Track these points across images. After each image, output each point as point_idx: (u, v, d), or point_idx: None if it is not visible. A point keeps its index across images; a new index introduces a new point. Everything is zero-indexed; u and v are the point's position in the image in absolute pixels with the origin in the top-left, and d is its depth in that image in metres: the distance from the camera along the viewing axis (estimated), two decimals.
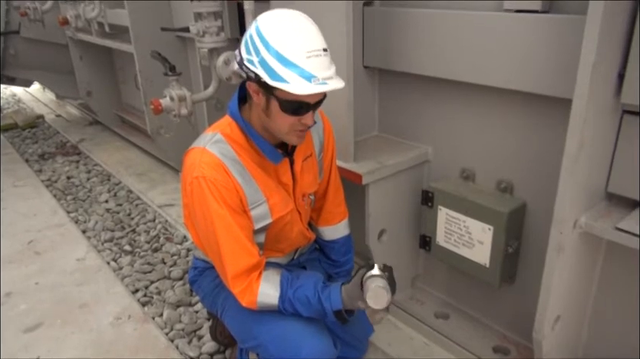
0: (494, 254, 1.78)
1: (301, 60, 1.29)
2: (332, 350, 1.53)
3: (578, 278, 1.58)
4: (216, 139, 1.49)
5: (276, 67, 1.29)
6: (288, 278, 1.51)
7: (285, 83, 1.28)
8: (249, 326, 1.59)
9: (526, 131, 1.71)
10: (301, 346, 1.47)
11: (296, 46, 1.29)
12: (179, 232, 3.14)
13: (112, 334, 2.26)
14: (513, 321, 1.99)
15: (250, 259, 1.46)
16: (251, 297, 1.47)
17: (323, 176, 1.76)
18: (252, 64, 1.32)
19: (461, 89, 1.83)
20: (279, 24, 1.31)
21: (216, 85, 2.56)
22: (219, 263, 1.49)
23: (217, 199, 1.42)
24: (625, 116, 1.40)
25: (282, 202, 1.58)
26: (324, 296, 1.46)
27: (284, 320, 1.51)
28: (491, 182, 1.87)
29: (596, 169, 1.43)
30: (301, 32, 1.31)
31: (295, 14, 1.35)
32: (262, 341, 1.56)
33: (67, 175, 4.13)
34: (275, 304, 1.49)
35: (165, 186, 3.84)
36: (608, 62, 1.26)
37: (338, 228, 1.87)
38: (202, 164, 1.43)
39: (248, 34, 1.35)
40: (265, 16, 1.34)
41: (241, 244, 1.45)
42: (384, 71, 2.10)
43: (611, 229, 1.38)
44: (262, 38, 1.30)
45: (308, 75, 1.29)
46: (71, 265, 2.80)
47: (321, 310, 1.47)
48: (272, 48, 1.29)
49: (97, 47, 4.29)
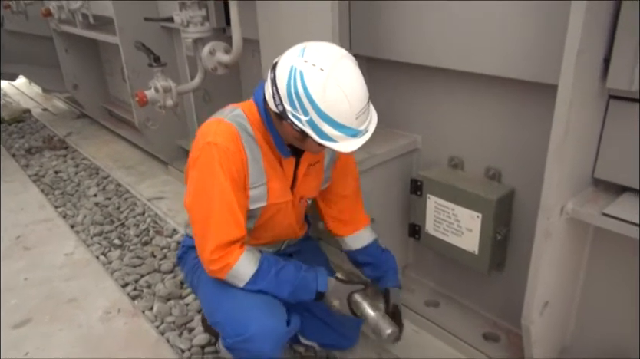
0: (483, 241, 1.79)
1: (351, 122, 1.30)
2: (282, 328, 1.54)
3: (566, 263, 1.59)
4: (235, 113, 1.50)
5: (326, 129, 1.30)
6: (270, 259, 1.55)
7: (334, 143, 1.32)
8: (214, 303, 1.62)
9: (513, 118, 1.71)
10: (250, 323, 1.49)
11: (348, 111, 1.28)
12: (168, 225, 3.12)
13: (102, 328, 2.24)
14: (503, 308, 2.00)
15: (238, 232, 1.48)
16: (227, 263, 1.47)
17: (327, 185, 1.77)
18: (299, 121, 1.31)
19: (449, 77, 1.82)
20: (330, 88, 1.25)
21: (202, 76, 2.54)
22: (203, 230, 1.48)
23: (224, 169, 1.42)
24: (611, 102, 1.40)
25: (281, 190, 1.59)
26: (311, 275, 1.53)
27: (239, 299, 1.53)
28: (479, 170, 1.87)
29: (583, 154, 1.43)
30: (351, 94, 1.28)
31: (343, 65, 1.28)
32: (220, 319, 1.60)
33: (54, 169, 4.08)
34: (246, 280, 1.50)
35: (154, 179, 3.81)
36: (594, 47, 1.25)
37: (361, 235, 1.84)
38: (218, 132, 1.44)
39: (292, 88, 1.27)
40: (312, 73, 1.26)
41: (235, 216, 1.46)
42: (372, 60, 2.09)
43: (597, 215, 1.39)
44: (312, 101, 1.27)
45: (355, 132, 1.33)
46: (60, 259, 2.78)
47: (305, 286, 1.52)
48: (324, 113, 1.28)
49: (82, 39, 4.22)
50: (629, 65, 1.24)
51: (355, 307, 1.56)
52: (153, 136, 3.63)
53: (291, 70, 1.28)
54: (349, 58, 1.32)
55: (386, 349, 2.02)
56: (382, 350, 2.02)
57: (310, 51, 1.29)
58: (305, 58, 1.27)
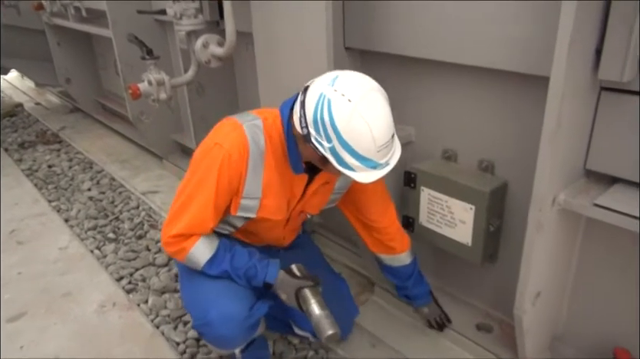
0: (476, 233, 1.80)
1: (372, 155, 1.32)
2: (241, 314, 1.58)
3: (558, 254, 1.61)
4: (256, 122, 1.54)
5: (347, 158, 1.32)
6: (226, 244, 1.62)
7: (353, 172, 1.34)
8: (185, 288, 1.73)
9: (506, 110, 1.71)
10: (210, 309, 1.57)
11: (370, 143, 1.30)
12: (163, 218, 3.12)
13: (97, 322, 2.24)
14: (496, 299, 2.01)
15: (203, 230, 1.57)
16: (183, 247, 1.55)
17: (334, 204, 1.84)
18: (321, 146, 1.34)
19: (443, 69, 1.82)
20: (355, 119, 1.27)
21: (196, 69, 2.53)
22: (178, 213, 1.55)
23: (220, 173, 1.48)
24: (603, 93, 1.40)
25: (276, 207, 1.63)
26: (261, 264, 1.60)
27: (205, 285, 1.62)
28: (473, 162, 1.88)
29: (575, 146, 1.44)
30: (375, 128, 1.29)
31: (371, 98, 1.31)
32: (187, 303, 1.73)
33: (48, 164, 4.06)
34: (202, 264, 1.58)
35: (148, 173, 3.80)
36: (586, 38, 1.26)
37: (401, 258, 1.91)
38: (231, 137, 1.49)
39: (319, 114, 1.30)
40: (339, 103, 1.28)
41: (205, 216, 1.54)
42: (366, 52, 2.08)
43: (589, 205, 1.40)
44: (336, 131, 1.29)
45: (375, 165, 1.35)
46: (54, 254, 2.77)
47: (254, 274, 1.58)
48: (346, 143, 1.30)
49: (74, 32, 4.19)
50: (620, 56, 1.25)
51: (302, 302, 1.57)
52: (148, 130, 3.62)
53: (320, 96, 1.31)
54: (379, 92, 1.34)
55: (380, 339, 2.03)
56: (376, 341, 2.04)
57: (341, 80, 1.32)
58: (335, 87, 1.30)
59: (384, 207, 1.84)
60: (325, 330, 1.51)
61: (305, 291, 1.57)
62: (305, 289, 1.58)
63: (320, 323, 1.52)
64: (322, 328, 1.51)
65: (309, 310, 1.55)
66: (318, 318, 1.53)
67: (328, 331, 1.51)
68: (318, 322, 1.52)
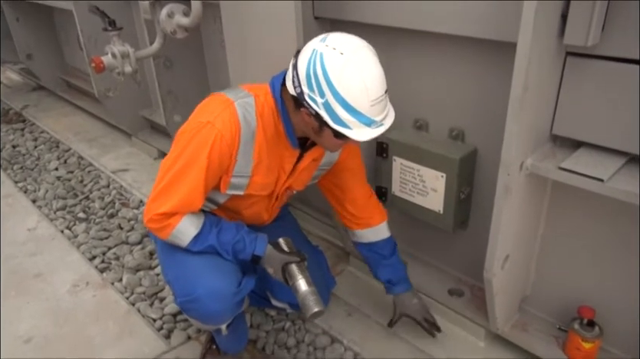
0: (447, 200, 1.82)
1: (365, 109, 1.33)
2: (229, 289, 1.56)
3: (526, 218, 1.65)
4: (247, 100, 1.50)
5: (340, 112, 1.32)
6: (212, 219, 1.59)
7: (348, 129, 1.35)
8: (167, 263, 1.69)
9: (474, 78, 1.72)
10: (197, 284, 1.53)
11: (363, 95, 1.31)
12: (135, 196, 3.07)
13: (70, 301, 2.22)
14: (467, 265, 2.06)
15: (192, 209, 1.53)
16: (168, 223, 1.51)
17: (316, 181, 1.83)
18: (315, 103, 1.34)
19: (412, 38, 1.82)
20: (348, 70, 1.29)
21: (162, 40, 2.45)
22: (165, 191, 1.49)
23: (211, 153, 1.45)
24: (569, 58, 1.42)
25: (263, 184, 1.63)
26: (250, 238, 1.58)
27: (190, 261, 1.58)
28: (443, 131, 1.89)
29: (541, 111, 1.47)
30: (368, 79, 1.31)
31: (363, 53, 1.33)
32: (170, 279, 1.67)
33: (12, 144, 3.93)
34: (187, 241, 1.54)
35: (118, 151, 3.73)
36: (552, 3, 1.26)
37: (380, 229, 1.89)
38: (223, 117, 1.46)
39: (311, 69, 1.31)
40: (332, 55, 1.30)
41: (195, 196, 1.50)
42: (336, 22, 2.05)
43: (554, 169, 1.43)
44: (330, 83, 1.29)
45: (370, 121, 1.35)
46: (23, 235, 2.71)
47: (242, 247, 1.57)
48: (339, 95, 1.30)
49: (34, 6, 4.01)
50: (585, 21, 1.26)
51: (289, 277, 1.58)
52: (115, 107, 3.52)
53: (313, 52, 1.32)
54: (370, 49, 1.36)
55: (356, 308, 2.07)
56: (352, 309, 2.08)
57: (332, 37, 1.34)
58: (327, 43, 1.32)
59: (363, 185, 1.86)
60: (312, 307, 1.53)
61: (292, 267, 1.58)
62: (292, 265, 1.58)
63: (306, 299, 1.54)
64: (309, 305, 1.53)
65: (295, 285, 1.56)
66: (304, 295, 1.54)
67: (314, 308, 1.52)
68: (305, 298, 1.54)
